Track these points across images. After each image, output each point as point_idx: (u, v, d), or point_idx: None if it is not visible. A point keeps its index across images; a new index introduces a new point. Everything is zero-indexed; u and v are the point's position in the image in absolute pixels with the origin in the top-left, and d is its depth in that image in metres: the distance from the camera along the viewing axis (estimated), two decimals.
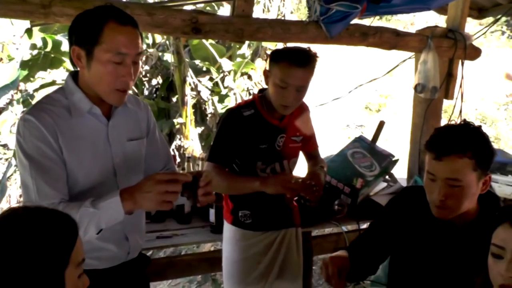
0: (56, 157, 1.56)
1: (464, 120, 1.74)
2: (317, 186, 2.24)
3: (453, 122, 1.82)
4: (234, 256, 2.40)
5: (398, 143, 9.17)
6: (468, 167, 1.59)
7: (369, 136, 3.58)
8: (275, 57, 2.19)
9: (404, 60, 3.78)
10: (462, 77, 3.45)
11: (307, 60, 2.14)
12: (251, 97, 2.70)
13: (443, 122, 3.62)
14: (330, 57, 13.35)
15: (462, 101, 3.49)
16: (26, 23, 6.22)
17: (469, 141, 1.60)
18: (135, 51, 1.58)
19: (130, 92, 1.71)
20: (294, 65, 2.11)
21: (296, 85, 2.14)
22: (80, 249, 1.10)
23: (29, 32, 6.30)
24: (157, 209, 1.53)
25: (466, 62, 3.46)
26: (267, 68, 2.25)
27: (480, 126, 1.69)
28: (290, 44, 2.70)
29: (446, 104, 3.66)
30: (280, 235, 2.42)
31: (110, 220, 1.50)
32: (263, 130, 2.29)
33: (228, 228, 2.44)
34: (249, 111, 2.28)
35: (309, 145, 2.53)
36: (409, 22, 16.97)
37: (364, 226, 3.24)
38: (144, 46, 7.91)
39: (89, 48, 1.55)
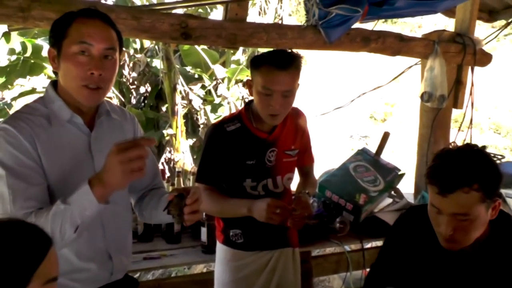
0: (34, 164, 1.57)
1: (467, 144, 1.73)
2: (309, 217, 2.24)
3: (453, 144, 1.78)
4: (225, 277, 2.39)
5: (405, 155, 9.19)
6: (476, 200, 1.57)
7: (374, 148, 3.60)
8: (255, 63, 2.17)
9: (410, 67, 3.81)
10: (472, 84, 3.48)
11: (289, 62, 2.11)
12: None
13: (453, 132, 3.63)
14: (331, 63, 13.41)
15: (472, 109, 3.51)
16: (3, 27, 6.25)
17: (474, 171, 1.57)
18: (103, 44, 1.62)
19: (116, 101, 1.73)
20: (276, 69, 2.09)
21: (281, 90, 2.11)
22: (51, 265, 1.09)
23: (6, 36, 6.31)
24: (127, 181, 1.48)
25: (477, 68, 3.49)
26: (249, 77, 2.25)
27: (484, 148, 1.68)
28: None
29: (456, 113, 3.69)
30: (275, 256, 2.40)
31: (84, 212, 1.48)
32: (250, 145, 2.28)
33: (219, 248, 2.44)
34: (233, 126, 2.27)
35: (303, 158, 2.49)
36: (416, 24, 17.09)
37: (368, 245, 3.25)
38: (132, 51, 7.96)
39: (59, 44, 1.61)
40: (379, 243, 3.38)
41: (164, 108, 8.26)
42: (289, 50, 2.20)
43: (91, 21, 1.62)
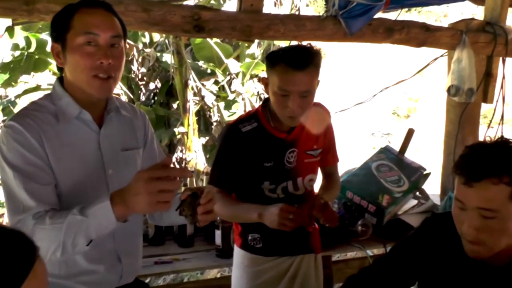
0: (42, 163, 1.60)
1: (502, 136, 1.63)
2: (332, 219, 2.18)
3: (488, 139, 1.70)
4: (242, 283, 2.39)
5: (430, 154, 9.13)
6: (505, 195, 1.48)
7: (397, 146, 3.58)
8: (271, 61, 2.13)
9: (436, 59, 3.78)
10: (504, 77, 3.44)
11: (307, 61, 2.06)
12: (257, 105, 2.67)
13: (482, 129, 3.60)
14: (351, 56, 13.37)
15: (503, 104, 3.47)
16: (7, 21, 6.30)
17: (505, 162, 1.49)
18: (109, 32, 1.64)
19: (124, 98, 1.75)
20: (292, 69, 2.04)
21: (299, 91, 2.07)
22: (36, 284, 0.97)
23: (10, 30, 6.35)
24: (152, 211, 1.49)
25: (509, 59, 3.45)
26: (265, 75, 2.21)
27: None
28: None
29: (486, 108, 3.65)
30: (296, 262, 2.38)
31: (101, 228, 1.49)
32: (267, 146, 2.26)
33: (237, 252, 2.44)
34: (250, 126, 2.26)
35: (327, 158, 2.46)
36: (442, 13, 17.00)
37: None
38: (140, 46, 7.98)
39: (62, 38, 1.64)
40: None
41: (175, 105, 8.25)
42: (307, 45, 2.16)
43: (94, 11, 1.65)
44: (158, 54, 8.01)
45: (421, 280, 1.83)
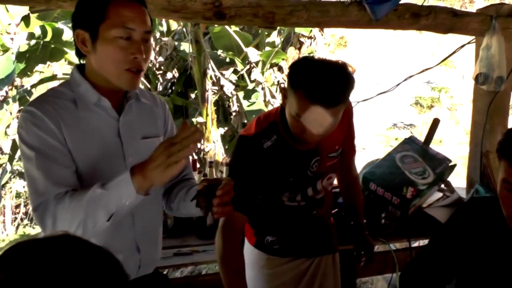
0: (61, 146, 1.62)
1: None
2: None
3: None
4: (258, 285, 2.30)
5: (455, 145, 9.05)
6: None
7: (420, 138, 3.54)
8: (292, 80, 1.88)
9: (463, 46, 3.72)
10: None
11: (336, 99, 1.80)
12: (275, 106, 2.54)
13: (511, 120, 3.55)
14: (374, 43, 13.27)
15: None
16: (24, 10, 6.34)
17: None
18: (143, 27, 1.66)
19: (142, 87, 1.76)
20: (313, 103, 1.79)
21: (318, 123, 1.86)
22: None
23: (26, 19, 6.41)
24: (166, 176, 1.46)
25: None
26: (285, 86, 1.96)
27: None
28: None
29: None
30: (314, 264, 2.34)
31: (121, 201, 1.48)
32: (291, 161, 2.10)
33: (250, 251, 2.34)
34: (269, 141, 2.04)
35: (348, 153, 2.38)
36: None
37: (416, 244, 3.20)
38: (158, 34, 7.99)
39: (93, 28, 1.64)
40: (427, 241, 3.33)
41: (193, 95, 8.26)
42: (341, 69, 1.85)
43: (129, 4, 1.65)
44: (176, 43, 8.01)
45: (463, 269, 1.84)
